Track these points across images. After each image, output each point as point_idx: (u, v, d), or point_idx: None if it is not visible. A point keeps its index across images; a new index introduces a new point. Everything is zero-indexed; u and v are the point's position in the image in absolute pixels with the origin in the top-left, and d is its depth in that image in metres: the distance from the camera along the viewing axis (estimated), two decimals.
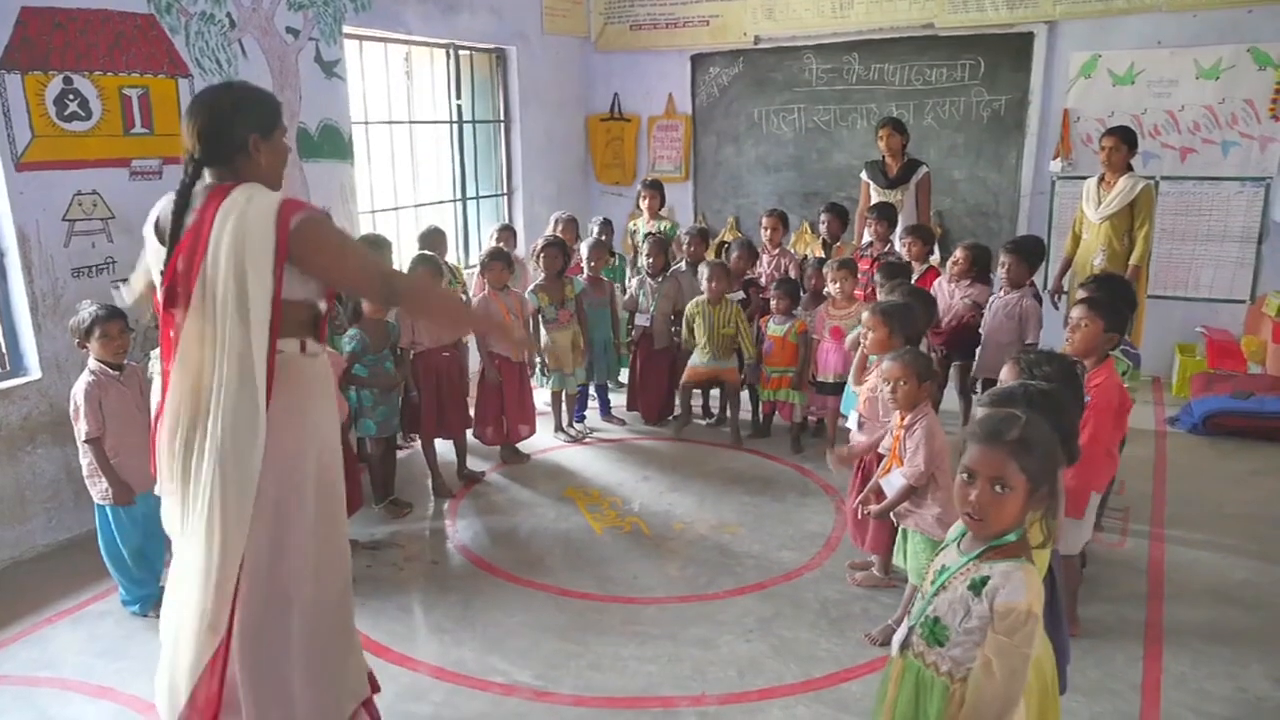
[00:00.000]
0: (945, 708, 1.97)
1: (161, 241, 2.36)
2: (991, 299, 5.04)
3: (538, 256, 5.53)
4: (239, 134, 2.34)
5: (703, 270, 5.55)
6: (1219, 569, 4.02)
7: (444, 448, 5.06)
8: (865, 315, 3.98)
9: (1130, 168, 5.48)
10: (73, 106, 4.26)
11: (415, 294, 2.65)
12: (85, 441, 3.50)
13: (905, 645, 2.11)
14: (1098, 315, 3.33)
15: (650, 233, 6.46)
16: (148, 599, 3.70)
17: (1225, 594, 3.80)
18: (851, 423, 3.97)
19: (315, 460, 2.47)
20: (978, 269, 5.29)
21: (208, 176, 2.37)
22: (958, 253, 5.30)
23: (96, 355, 3.51)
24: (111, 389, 3.53)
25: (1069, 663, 3.04)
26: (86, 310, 3.53)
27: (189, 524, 2.34)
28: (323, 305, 2.51)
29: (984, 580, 1.92)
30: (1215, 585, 3.88)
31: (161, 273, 2.32)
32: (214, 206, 2.25)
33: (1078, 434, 2.35)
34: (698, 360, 5.57)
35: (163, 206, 2.42)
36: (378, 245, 5.25)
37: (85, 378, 3.53)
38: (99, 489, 3.57)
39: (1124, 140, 5.42)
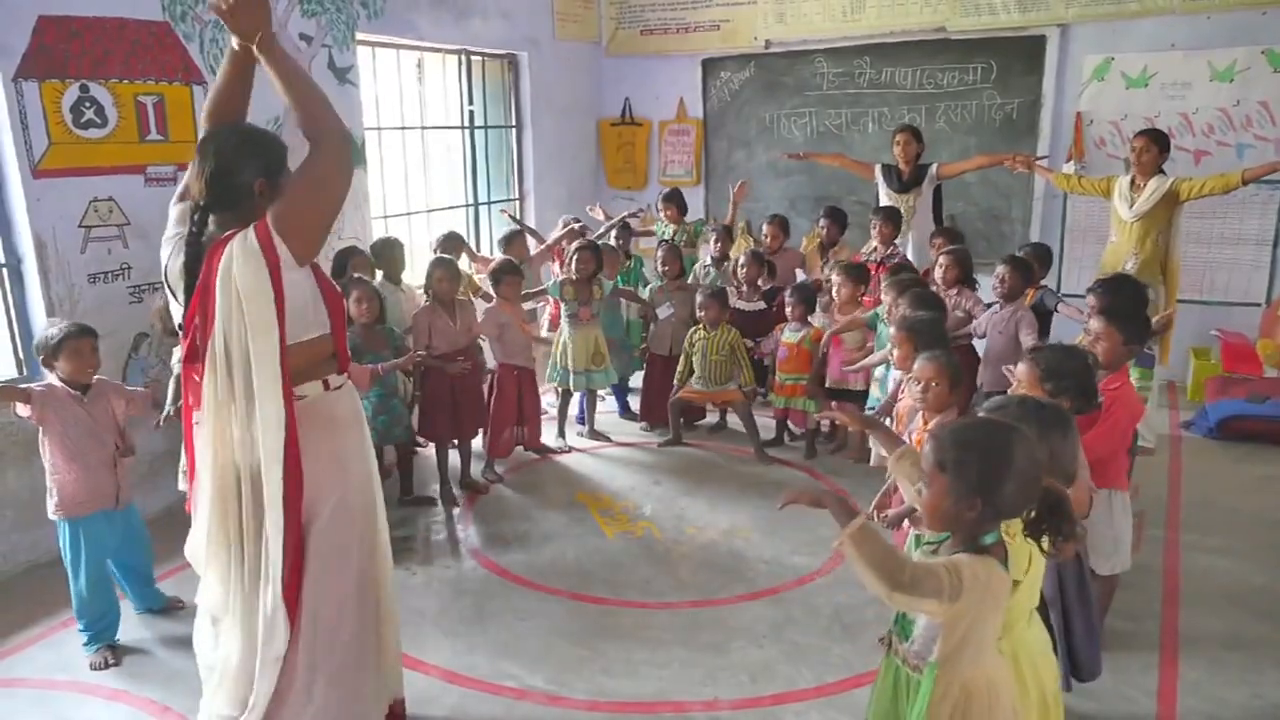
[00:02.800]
0: (921, 702, 1.99)
1: (175, 296, 2.38)
2: (989, 313, 4.93)
3: (570, 260, 5.55)
4: (245, 179, 2.34)
5: (698, 299, 5.55)
6: (1235, 575, 3.99)
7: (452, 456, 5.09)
8: (892, 330, 3.92)
9: (1162, 170, 5.38)
10: (89, 114, 4.29)
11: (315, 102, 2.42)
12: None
13: (888, 645, 2.17)
14: (1116, 328, 3.28)
15: (665, 240, 6.48)
16: (106, 629, 3.55)
17: (1241, 600, 3.78)
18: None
19: (353, 490, 2.50)
20: (964, 276, 5.19)
21: (212, 222, 2.36)
22: (943, 259, 5.14)
23: (62, 374, 3.37)
24: (70, 406, 3.38)
25: (1099, 673, 3.05)
26: (57, 327, 3.40)
27: (233, 597, 2.38)
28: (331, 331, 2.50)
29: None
30: (1231, 591, 3.85)
31: (182, 326, 2.36)
32: (215, 265, 2.25)
33: (1072, 454, 2.31)
34: (695, 385, 5.55)
35: (169, 255, 2.43)
36: (389, 246, 5.30)
37: (35, 386, 3.40)
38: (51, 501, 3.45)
39: (1154, 141, 5.32)
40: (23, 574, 4.18)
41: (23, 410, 3.36)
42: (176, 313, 2.44)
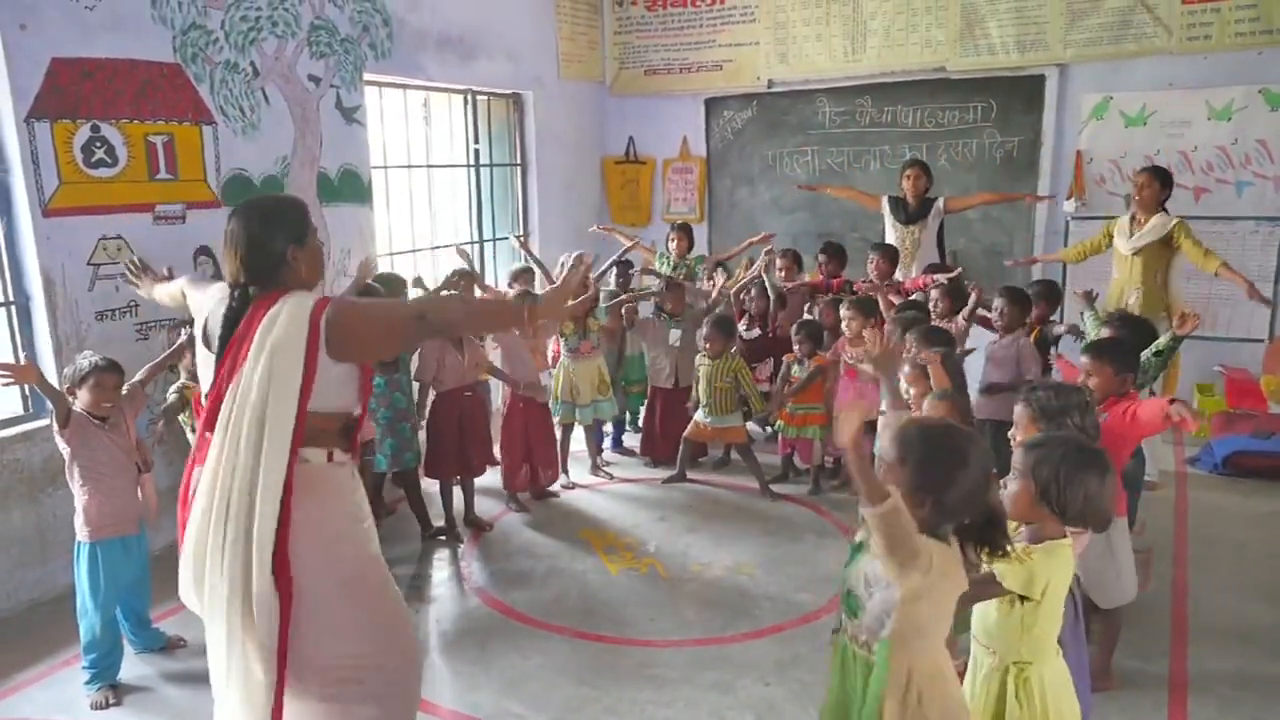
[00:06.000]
0: (876, 682, 2.02)
1: (210, 349, 2.43)
2: (989, 343, 4.95)
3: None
4: (278, 249, 2.42)
5: (703, 329, 5.58)
6: (1243, 612, 3.96)
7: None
8: (907, 369, 3.91)
9: (1164, 209, 5.40)
10: (99, 153, 4.34)
11: (448, 320, 2.62)
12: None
13: (836, 629, 2.20)
14: (1104, 362, 3.30)
15: (668, 276, 6.51)
16: (110, 668, 3.55)
17: (1251, 638, 3.75)
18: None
19: (346, 564, 2.46)
20: (958, 308, 5.18)
21: (252, 293, 2.42)
22: (934, 293, 5.16)
23: (83, 404, 3.46)
24: (94, 433, 3.47)
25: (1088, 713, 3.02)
26: (86, 359, 3.50)
27: (230, 649, 2.34)
28: (356, 412, 2.52)
29: (865, 543, 2.02)
30: (1240, 628, 3.82)
31: (210, 387, 2.39)
32: (259, 319, 2.32)
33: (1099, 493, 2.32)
34: (701, 417, 5.55)
35: (205, 311, 2.50)
36: (389, 283, 5.33)
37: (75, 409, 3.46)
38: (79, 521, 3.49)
39: (1156, 178, 5.35)
40: (25, 612, 4.16)
41: (59, 431, 3.42)
42: (202, 373, 2.50)
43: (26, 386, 4.24)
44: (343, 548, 2.46)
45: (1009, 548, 2.07)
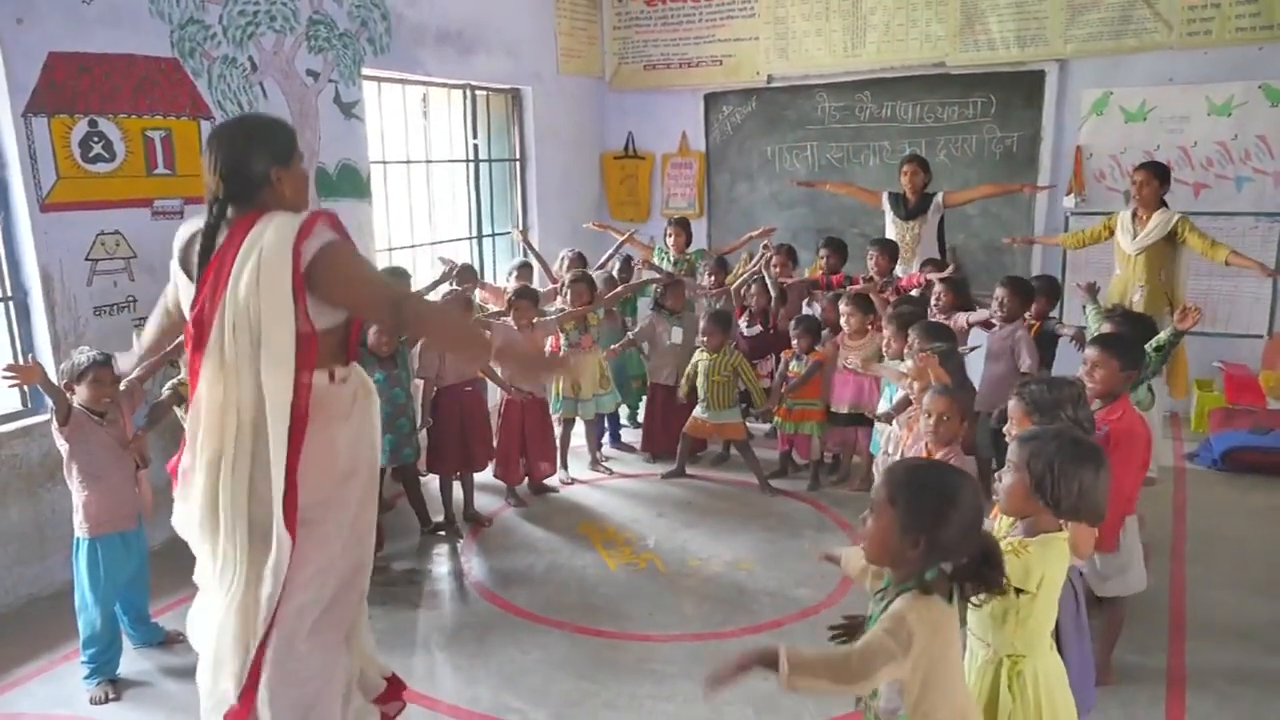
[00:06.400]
0: None
1: (190, 276, 2.39)
2: (989, 334, 4.95)
3: (563, 289, 5.60)
4: (260, 168, 2.37)
5: (701, 324, 5.58)
6: (1242, 608, 3.96)
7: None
8: (928, 398, 3.88)
9: (1164, 203, 5.41)
10: (97, 148, 4.34)
11: (422, 320, 2.59)
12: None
13: (859, 698, 2.15)
14: (1112, 355, 3.29)
15: (668, 272, 6.50)
16: (109, 662, 3.55)
17: (1249, 633, 3.75)
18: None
19: (353, 483, 2.47)
20: (961, 303, 5.19)
21: (230, 212, 2.39)
22: (938, 287, 5.18)
23: (81, 400, 3.45)
24: (93, 430, 3.46)
25: (1092, 706, 3.02)
26: (84, 355, 3.49)
27: (221, 573, 2.37)
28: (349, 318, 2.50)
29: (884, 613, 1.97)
30: (1238, 624, 3.82)
31: (191, 308, 2.35)
32: (239, 239, 2.28)
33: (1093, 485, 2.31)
34: (700, 413, 5.54)
35: (184, 238, 2.44)
36: (396, 275, 5.36)
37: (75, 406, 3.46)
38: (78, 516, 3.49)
39: (1155, 175, 5.35)
40: (24, 607, 4.16)
41: (58, 429, 3.41)
42: (183, 298, 2.45)
43: None
44: (349, 488, 2.47)
45: (1005, 583, 2.05)
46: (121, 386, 3.56)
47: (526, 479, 5.46)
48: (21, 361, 4.18)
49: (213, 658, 2.47)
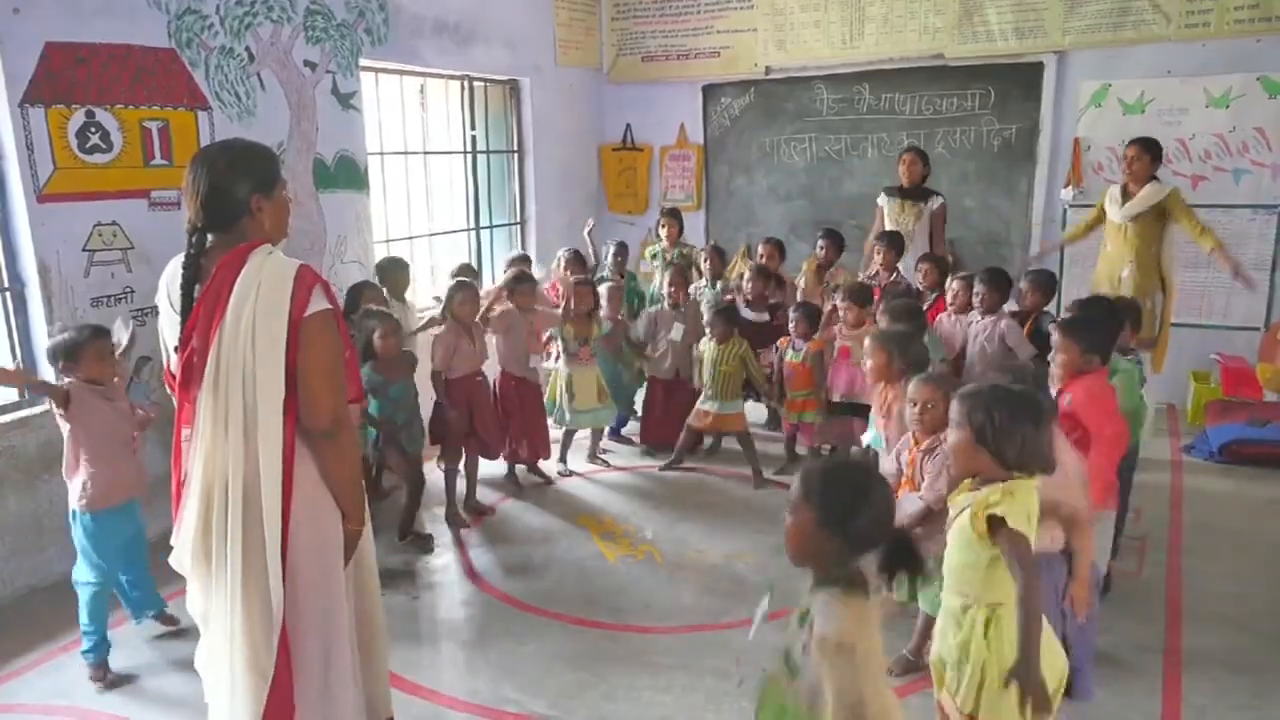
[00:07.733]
0: None
1: (174, 309, 2.36)
2: (969, 325, 4.97)
3: (566, 292, 5.62)
4: (241, 196, 2.32)
5: (705, 316, 5.59)
6: (1238, 598, 3.98)
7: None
8: (866, 342, 3.97)
9: (1156, 179, 5.38)
10: (94, 139, 4.32)
11: (339, 451, 2.41)
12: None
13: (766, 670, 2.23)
14: (1073, 340, 3.34)
15: (672, 262, 6.50)
16: (104, 643, 3.57)
17: (1245, 623, 3.77)
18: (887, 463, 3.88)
19: (331, 548, 2.46)
20: (944, 281, 5.23)
21: (210, 240, 2.35)
22: (955, 284, 5.15)
23: (85, 375, 3.43)
24: (94, 404, 3.45)
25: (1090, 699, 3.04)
26: (76, 330, 3.46)
27: (215, 605, 2.36)
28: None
29: (808, 612, 2.01)
30: (1234, 614, 3.84)
31: (177, 348, 2.33)
32: (231, 274, 2.24)
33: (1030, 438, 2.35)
34: (703, 404, 5.53)
35: (171, 274, 2.42)
36: (396, 266, 5.37)
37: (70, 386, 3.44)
38: (73, 489, 3.49)
39: (1146, 150, 5.34)
40: (22, 599, 4.16)
41: (60, 413, 3.42)
42: (170, 332, 2.42)
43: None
44: (333, 530, 2.45)
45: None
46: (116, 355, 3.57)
47: (525, 464, 5.49)
48: (15, 359, 4.20)
49: (229, 690, 2.43)
